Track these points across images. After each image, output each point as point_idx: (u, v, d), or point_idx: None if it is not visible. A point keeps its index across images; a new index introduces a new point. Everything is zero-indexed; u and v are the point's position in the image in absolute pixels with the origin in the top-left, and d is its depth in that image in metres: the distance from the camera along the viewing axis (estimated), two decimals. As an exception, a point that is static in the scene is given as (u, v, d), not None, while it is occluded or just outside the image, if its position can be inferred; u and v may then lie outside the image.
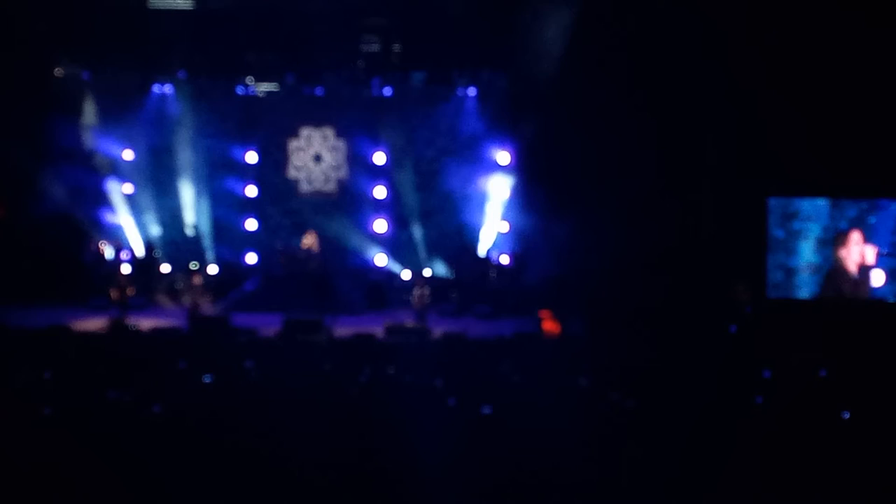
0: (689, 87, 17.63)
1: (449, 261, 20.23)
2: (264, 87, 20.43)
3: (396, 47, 19.79)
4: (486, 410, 9.56)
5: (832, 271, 17.41)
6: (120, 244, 19.76)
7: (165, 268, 19.88)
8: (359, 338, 15.07)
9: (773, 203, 17.56)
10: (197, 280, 17.87)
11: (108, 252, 19.40)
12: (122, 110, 20.07)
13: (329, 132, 20.81)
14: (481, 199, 20.25)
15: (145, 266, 19.73)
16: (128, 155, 20.33)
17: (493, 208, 20.15)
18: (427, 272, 19.93)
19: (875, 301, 17.33)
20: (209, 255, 20.27)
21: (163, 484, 7.70)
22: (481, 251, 20.17)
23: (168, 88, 20.27)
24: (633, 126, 17.61)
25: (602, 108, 17.59)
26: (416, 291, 17.33)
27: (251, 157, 20.64)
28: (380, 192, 20.52)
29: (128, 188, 20.37)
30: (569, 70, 18.02)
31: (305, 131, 20.82)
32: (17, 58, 18.21)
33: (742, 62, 17.17)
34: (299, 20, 19.25)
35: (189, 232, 20.33)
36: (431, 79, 20.15)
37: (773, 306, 17.29)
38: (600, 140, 17.79)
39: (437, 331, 15.91)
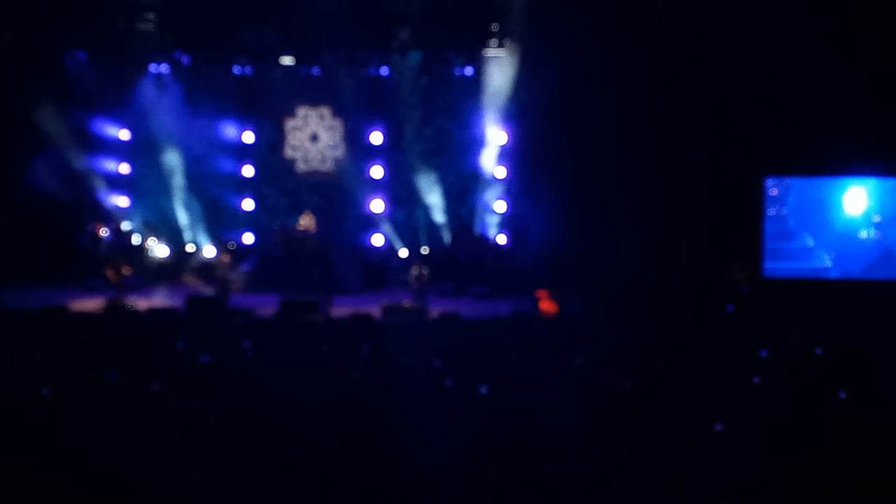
0: (686, 66, 17.59)
1: (447, 240, 20.22)
2: (261, 67, 20.33)
3: (394, 27, 19.67)
4: (484, 390, 9.58)
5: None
6: (116, 225, 19.74)
7: (161, 249, 19.85)
8: (356, 318, 15.08)
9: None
10: (225, 259, 17.87)
11: (105, 229, 19.38)
12: (119, 90, 20.00)
13: (326, 112, 20.76)
14: (478, 179, 20.21)
15: (140, 246, 19.73)
16: (124, 135, 20.30)
17: (491, 188, 20.11)
18: (424, 250, 19.92)
19: (870, 280, 17.37)
20: (205, 236, 20.25)
21: (160, 463, 7.71)
22: (478, 231, 20.15)
23: (164, 68, 20.18)
24: (629, 107, 17.58)
25: (599, 88, 17.56)
26: (415, 271, 17.30)
27: (248, 137, 20.58)
28: (377, 171, 20.48)
29: (124, 168, 20.35)
30: (565, 49, 17.96)
31: (302, 111, 20.78)
32: (12, 38, 18.12)
33: (739, 40, 17.16)
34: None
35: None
36: (429, 58, 20.06)
37: (769, 286, 17.33)
38: (598, 121, 17.77)
39: (435, 311, 15.92)
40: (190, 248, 20.18)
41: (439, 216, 20.34)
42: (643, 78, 17.59)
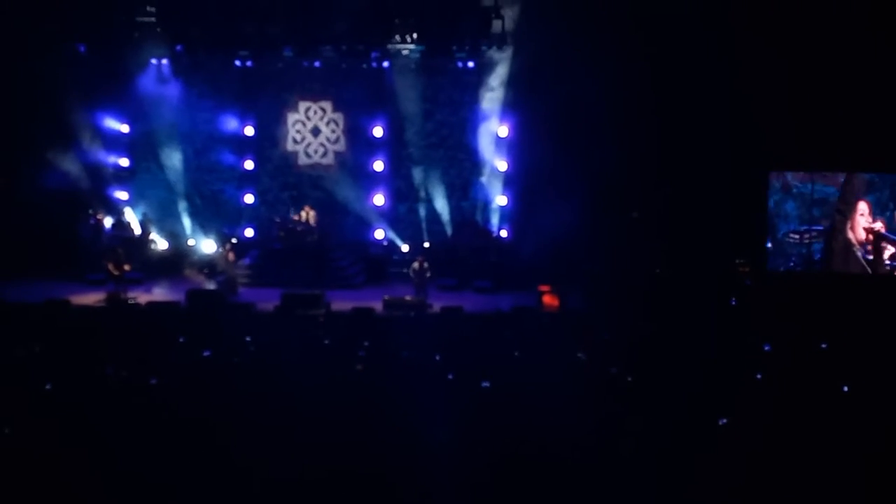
0: (690, 63, 17.54)
1: (449, 234, 20.18)
2: (262, 61, 20.25)
3: (396, 21, 19.62)
4: (485, 384, 9.56)
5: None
6: (118, 218, 19.71)
7: (162, 243, 19.81)
8: (357, 312, 15.06)
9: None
10: (230, 257, 17.88)
11: (107, 223, 19.35)
12: (120, 84, 19.92)
13: (327, 105, 20.69)
14: (480, 173, 20.17)
15: (141, 240, 19.69)
16: (125, 129, 20.24)
17: (493, 182, 20.07)
18: (426, 245, 19.87)
19: (872, 274, 17.37)
20: (206, 229, 20.20)
21: (163, 455, 7.69)
22: (481, 225, 20.10)
23: (165, 62, 20.11)
24: (634, 102, 17.54)
25: (603, 82, 17.50)
26: (416, 265, 17.25)
27: (249, 131, 20.52)
28: (378, 165, 20.42)
29: (124, 162, 20.31)
30: (569, 44, 17.92)
31: (304, 104, 20.70)
32: (17, 34, 18.09)
33: (744, 36, 17.13)
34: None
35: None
36: (430, 52, 19.98)
37: (773, 279, 17.33)
38: (601, 115, 17.71)
39: (437, 305, 15.91)
40: (191, 242, 20.11)
41: (441, 210, 20.29)
42: (648, 75, 17.53)
